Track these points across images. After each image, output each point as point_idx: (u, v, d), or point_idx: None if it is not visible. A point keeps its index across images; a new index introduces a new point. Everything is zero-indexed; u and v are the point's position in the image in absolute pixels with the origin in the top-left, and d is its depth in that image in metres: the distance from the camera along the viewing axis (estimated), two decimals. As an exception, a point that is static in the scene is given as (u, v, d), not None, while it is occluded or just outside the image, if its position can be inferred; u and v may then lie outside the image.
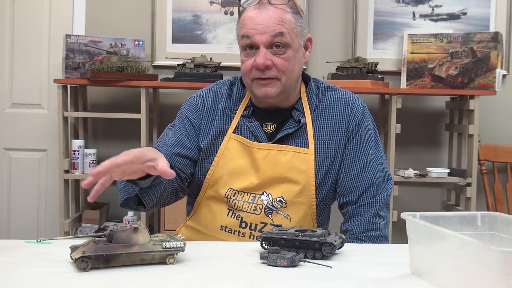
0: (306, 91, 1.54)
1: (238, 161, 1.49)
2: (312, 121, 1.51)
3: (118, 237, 1.10)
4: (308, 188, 1.47)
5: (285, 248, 1.19)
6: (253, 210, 1.46)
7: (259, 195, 1.47)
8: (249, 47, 1.43)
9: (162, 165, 1.15)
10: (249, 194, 1.47)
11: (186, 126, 1.54)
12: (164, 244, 1.11)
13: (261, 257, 1.16)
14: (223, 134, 1.51)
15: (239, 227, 1.47)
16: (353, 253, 1.27)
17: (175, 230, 2.71)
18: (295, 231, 1.23)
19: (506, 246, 1.05)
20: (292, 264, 1.12)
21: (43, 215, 3.18)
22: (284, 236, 1.20)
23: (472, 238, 0.89)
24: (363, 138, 1.53)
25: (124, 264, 1.10)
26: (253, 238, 1.45)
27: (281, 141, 1.49)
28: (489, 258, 0.84)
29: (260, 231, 1.45)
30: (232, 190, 1.48)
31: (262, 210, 1.46)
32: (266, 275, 1.08)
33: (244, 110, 1.52)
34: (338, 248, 1.24)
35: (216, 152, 1.50)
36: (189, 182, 1.58)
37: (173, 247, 1.12)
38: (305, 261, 1.15)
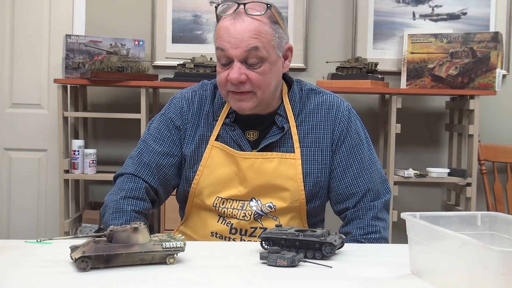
0: (288, 95, 1.49)
1: (223, 169, 1.45)
2: (297, 126, 1.47)
3: (118, 237, 1.10)
4: (297, 193, 1.45)
5: (285, 248, 1.19)
6: (243, 216, 1.44)
7: (248, 202, 1.45)
8: (224, 60, 1.38)
9: None
10: (237, 202, 1.45)
11: (172, 132, 1.50)
12: (164, 244, 1.11)
13: (261, 257, 1.16)
14: (205, 141, 1.47)
15: (229, 233, 1.45)
16: (353, 253, 1.27)
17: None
18: (295, 231, 1.23)
19: (506, 246, 1.05)
20: (292, 264, 1.12)
21: (43, 215, 3.18)
22: (284, 236, 1.20)
23: (472, 238, 0.89)
24: (353, 143, 1.49)
25: (124, 264, 1.10)
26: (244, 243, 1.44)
27: (266, 148, 1.45)
28: (489, 258, 0.84)
29: (251, 235, 1.44)
30: (220, 198, 1.45)
31: (252, 216, 1.44)
32: (266, 275, 1.08)
33: (226, 118, 1.47)
34: (338, 248, 1.24)
35: (200, 161, 1.47)
36: (177, 189, 1.57)
37: (173, 247, 1.12)
38: (305, 261, 1.15)
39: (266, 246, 1.22)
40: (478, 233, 1.11)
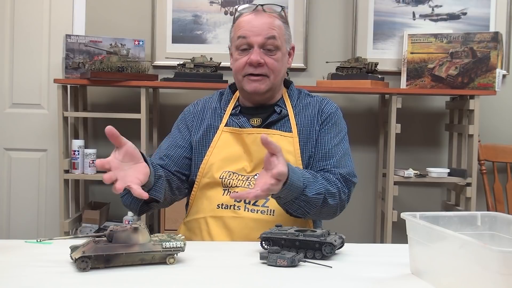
0: (287, 92, 1.71)
1: (231, 148, 1.60)
2: (294, 115, 1.65)
3: (118, 237, 1.10)
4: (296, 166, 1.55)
5: (285, 248, 1.20)
6: (247, 185, 1.54)
7: (253, 176, 1.56)
8: (244, 47, 1.59)
9: (137, 190, 1.23)
10: (243, 176, 1.57)
11: (180, 128, 1.70)
12: (164, 244, 1.12)
13: (261, 257, 1.16)
14: (214, 129, 1.64)
15: (234, 201, 1.54)
16: (353, 253, 1.27)
17: (175, 230, 2.71)
18: (295, 231, 1.23)
19: (506, 246, 1.05)
20: (292, 264, 1.12)
21: (43, 215, 3.18)
22: (284, 236, 1.21)
23: (472, 238, 0.89)
24: (334, 125, 1.65)
25: (124, 264, 1.10)
26: (248, 211, 1.52)
27: (267, 127, 1.63)
28: (489, 258, 0.84)
29: (254, 204, 1.52)
30: (227, 172, 1.57)
31: None
32: (266, 275, 1.08)
33: (232, 109, 1.67)
34: (338, 248, 1.24)
35: (210, 145, 1.62)
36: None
37: (173, 247, 1.12)
38: (305, 261, 1.15)
39: (266, 246, 1.22)
40: (478, 233, 1.11)
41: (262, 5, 1.62)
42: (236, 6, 1.68)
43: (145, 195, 1.22)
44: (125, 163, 1.28)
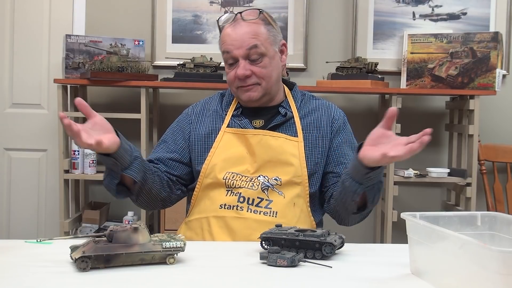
0: (291, 93, 1.70)
1: (234, 149, 1.60)
2: (300, 118, 1.64)
3: (118, 237, 1.10)
4: (300, 170, 1.57)
5: (285, 248, 1.20)
6: (251, 186, 1.55)
7: (256, 177, 1.57)
8: (231, 61, 1.59)
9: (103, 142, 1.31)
10: (246, 177, 1.57)
11: (176, 133, 1.68)
12: (164, 244, 1.12)
13: (261, 257, 1.16)
14: (216, 131, 1.64)
15: (238, 201, 1.54)
16: (353, 253, 1.27)
17: (175, 230, 2.71)
18: (295, 231, 1.23)
19: (506, 246, 1.05)
20: (292, 264, 1.12)
21: (43, 215, 3.18)
22: (284, 236, 1.21)
23: (472, 238, 0.89)
24: (347, 136, 1.67)
25: (124, 264, 1.10)
26: (251, 212, 1.52)
27: (272, 129, 1.62)
28: (489, 258, 0.84)
29: (257, 205, 1.53)
30: (231, 173, 1.57)
31: (259, 186, 1.55)
32: (266, 275, 1.08)
33: (234, 111, 1.66)
34: (338, 248, 1.24)
35: (212, 146, 1.61)
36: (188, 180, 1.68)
37: (173, 247, 1.12)
38: (305, 261, 1.16)
39: (266, 246, 1.22)
40: (478, 233, 1.11)
41: (240, 12, 1.61)
42: (217, 18, 1.66)
43: (104, 139, 1.31)
44: (95, 131, 1.36)
